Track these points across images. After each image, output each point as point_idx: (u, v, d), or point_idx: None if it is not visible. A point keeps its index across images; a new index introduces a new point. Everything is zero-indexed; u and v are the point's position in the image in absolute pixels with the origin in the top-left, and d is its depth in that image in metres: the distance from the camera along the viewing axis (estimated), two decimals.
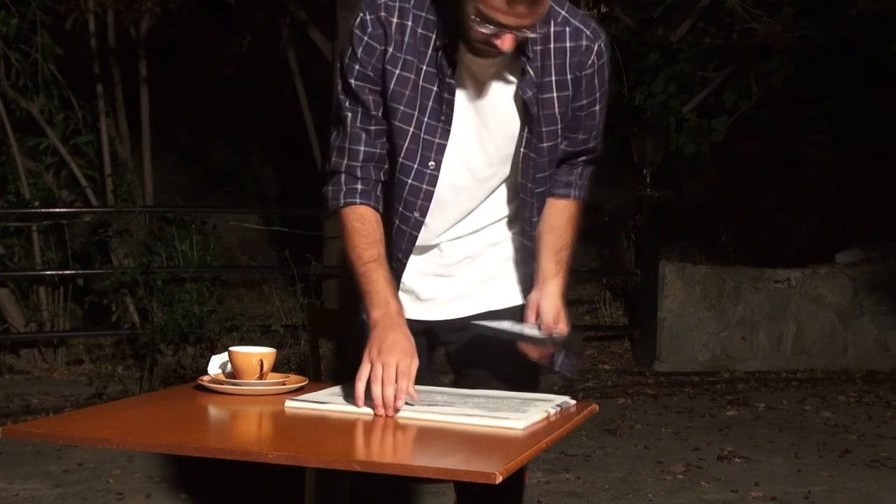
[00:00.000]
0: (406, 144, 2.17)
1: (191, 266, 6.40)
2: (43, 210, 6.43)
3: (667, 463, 4.69)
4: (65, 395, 5.78)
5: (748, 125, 8.39)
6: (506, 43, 2.03)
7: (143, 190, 6.81)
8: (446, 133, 2.17)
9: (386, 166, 2.22)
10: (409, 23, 2.13)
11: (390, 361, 2.01)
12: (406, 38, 2.13)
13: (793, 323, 7.00)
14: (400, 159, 2.19)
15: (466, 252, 2.31)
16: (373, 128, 2.18)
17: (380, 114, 2.17)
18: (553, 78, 2.17)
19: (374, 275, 2.14)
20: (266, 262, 7.93)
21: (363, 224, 2.18)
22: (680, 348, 6.84)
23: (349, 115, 2.18)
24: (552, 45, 2.15)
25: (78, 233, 6.69)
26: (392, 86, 2.14)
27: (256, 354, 2.18)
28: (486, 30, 2.01)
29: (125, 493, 4.16)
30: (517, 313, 2.34)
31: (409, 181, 2.19)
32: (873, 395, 6.26)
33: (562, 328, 2.29)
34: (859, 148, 8.96)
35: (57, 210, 6.50)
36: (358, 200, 2.18)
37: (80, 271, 6.50)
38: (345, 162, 2.19)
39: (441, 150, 2.17)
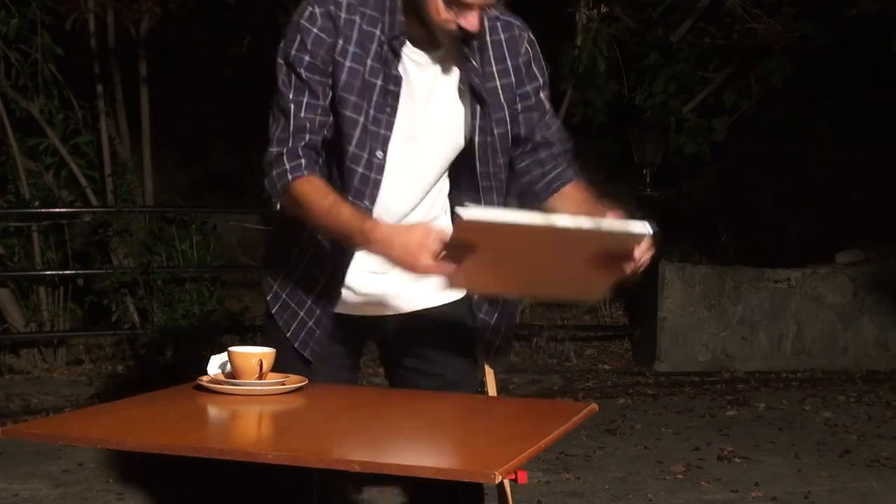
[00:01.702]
0: (357, 134, 2.21)
1: (191, 266, 6.40)
2: (43, 210, 6.42)
3: (667, 463, 4.69)
4: (65, 395, 5.78)
5: (748, 125, 8.38)
6: (472, 22, 2.12)
7: (143, 190, 6.80)
8: (391, 125, 2.23)
9: (323, 157, 2.25)
10: (357, 18, 2.20)
11: (410, 251, 2.02)
12: (354, 33, 2.20)
13: (793, 323, 7.00)
14: (351, 149, 2.22)
15: None
16: (317, 118, 2.22)
17: (326, 104, 2.22)
18: (494, 68, 2.26)
19: (339, 211, 2.15)
20: None
21: (312, 186, 2.20)
22: (680, 348, 6.83)
23: (293, 106, 2.22)
24: (488, 39, 2.25)
25: (78, 233, 6.68)
26: (344, 77, 2.20)
27: (256, 354, 2.18)
28: (452, 11, 2.10)
29: (125, 493, 4.16)
30: (453, 309, 2.37)
31: (360, 170, 2.23)
32: (873, 395, 6.26)
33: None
34: (859, 148, 8.96)
35: (57, 210, 6.49)
36: (304, 173, 2.21)
37: (80, 271, 6.50)
38: (286, 148, 2.22)
39: (386, 140, 2.23)
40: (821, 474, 4.58)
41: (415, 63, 2.23)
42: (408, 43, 2.22)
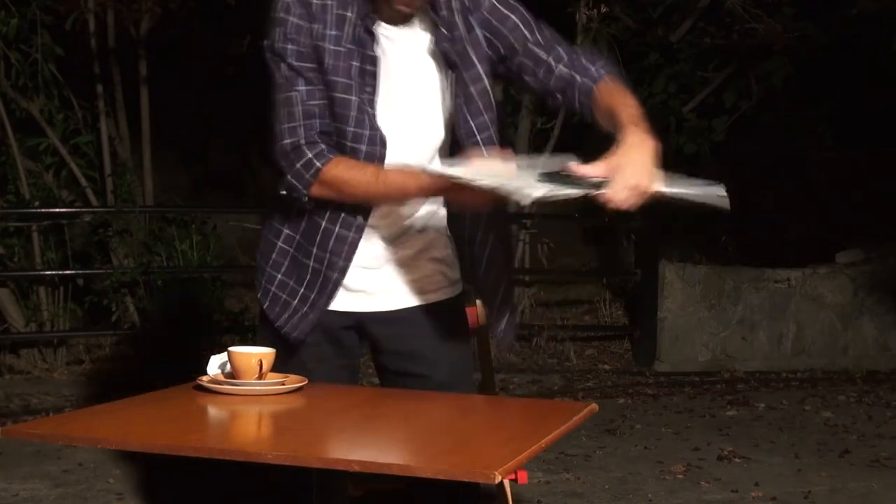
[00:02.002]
0: (354, 114, 2.22)
1: (191, 266, 6.40)
2: (43, 210, 6.43)
3: (667, 463, 4.69)
4: (65, 395, 5.78)
5: (748, 125, 8.38)
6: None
7: (143, 190, 6.81)
8: (373, 103, 2.24)
9: (327, 130, 2.25)
10: (329, 2, 2.22)
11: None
12: (328, 17, 2.22)
13: (793, 323, 7.00)
14: (350, 129, 2.23)
15: (394, 232, 2.33)
16: (319, 102, 2.23)
17: (322, 88, 2.23)
18: (461, 27, 2.26)
19: (387, 176, 2.19)
20: None
21: (345, 165, 2.22)
22: (680, 348, 6.83)
23: (294, 95, 2.22)
24: (453, 3, 2.26)
25: (78, 233, 6.69)
26: (329, 60, 2.21)
27: (256, 354, 2.18)
28: None
29: (125, 493, 4.16)
30: (445, 307, 2.37)
31: (364, 148, 2.24)
32: (873, 395, 6.26)
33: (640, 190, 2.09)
34: (859, 148, 8.95)
35: (57, 210, 6.49)
36: (330, 157, 2.21)
37: (80, 271, 6.50)
38: (302, 139, 2.21)
39: (372, 118, 2.24)
40: (821, 474, 4.58)
41: (388, 39, 2.26)
42: (379, 21, 2.24)
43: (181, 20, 6.70)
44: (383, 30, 2.25)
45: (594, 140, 2.25)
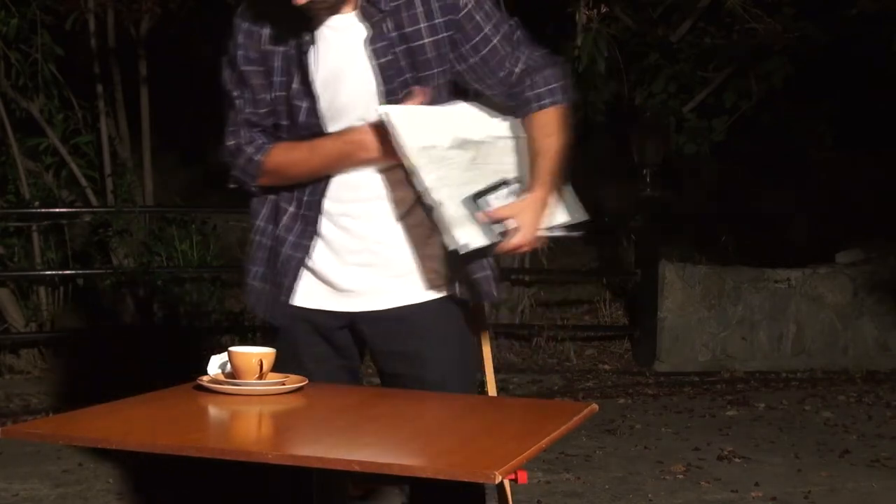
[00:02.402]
0: (291, 113, 2.31)
1: (191, 266, 6.40)
2: (43, 210, 6.43)
3: (667, 463, 4.69)
4: (65, 395, 5.78)
5: (748, 125, 8.38)
6: None
7: (143, 190, 6.81)
8: (314, 102, 2.29)
9: (267, 133, 2.36)
10: (272, 9, 2.28)
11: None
12: (276, 21, 2.28)
13: (793, 323, 7.00)
14: (287, 122, 2.32)
15: (371, 226, 2.34)
16: (263, 111, 2.33)
17: (269, 97, 2.31)
18: (422, 24, 2.26)
19: (321, 144, 2.30)
20: None
21: (282, 148, 2.34)
22: (680, 348, 6.83)
23: (239, 101, 2.34)
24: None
25: (78, 233, 6.69)
26: (279, 63, 2.29)
27: (256, 354, 2.18)
28: None
29: (125, 494, 4.16)
30: (444, 305, 2.38)
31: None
32: (873, 395, 6.26)
33: (510, 223, 2.27)
34: (859, 148, 8.95)
35: (57, 210, 6.50)
36: (268, 147, 2.35)
37: (80, 271, 6.50)
38: (242, 139, 2.36)
39: (310, 113, 2.30)
40: (821, 474, 4.58)
41: (332, 29, 2.28)
42: (318, 14, 2.26)
43: (181, 20, 6.70)
44: (329, 21, 2.27)
45: (594, 140, 2.28)
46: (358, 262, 2.35)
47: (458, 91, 2.38)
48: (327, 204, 2.35)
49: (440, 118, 2.28)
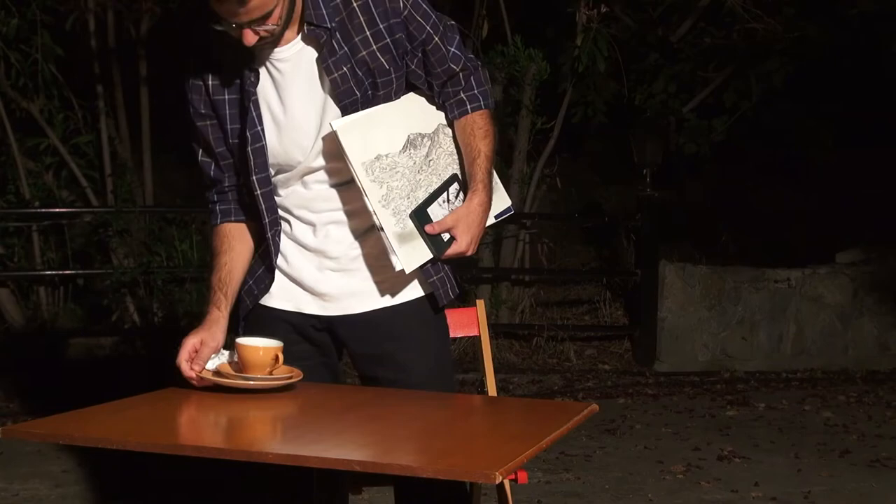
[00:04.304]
0: (244, 158, 2.31)
1: (191, 266, 6.40)
2: (43, 210, 6.43)
3: (667, 463, 4.69)
4: (65, 396, 5.77)
5: (748, 125, 8.39)
6: (246, 37, 2.17)
7: (143, 190, 6.81)
8: (260, 140, 2.30)
9: (235, 184, 2.40)
10: (214, 55, 2.29)
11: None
12: (217, 70, 2.30)
13: (793, 323, 7.00)
14: (246, 175, 2.34)
15: (357, 233, 2.37)
16: (224, 163, 2.38)
17: (226, 149, 2.35)
18: (367, 33, 2.27)
19: (210, 276, 2.43)
20: None
21: (216, 238, 2.43)
22: (680, 348, 6.83)
23: (202, 164, 2.41)
24: (355, 5, 2.26)
25: (78, 233, 6.69)
26: (229, 110, 2.31)
27: (270, 349, 2.18)
28: (224, 28, 2.16)
29: (125, 493, 4.16)
30: (420, 306, 2.40)
31: (259, 191, 2.34)
32: (873, 395, 6.25)
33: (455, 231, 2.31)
34: (860, 148, 8.95)
35: (57, 210, 6.50)
36: (217, 222, 2.42)
37: (80, 271, 6.50)
38: (209, 195, 2.44)
39: (262, 152, 2.31)
40: (821, 474, 4.58)
41: (277, 61, 2.28)
42: (263, 49, 2.25)
43: (181, 20, 6.70)
44: (274, 55, 2.27)
45: (593, 140, 2.29)
46: (332, 266, 2.37)
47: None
48: (303, 213, 2.38)
49: (394, 114, 2.32)
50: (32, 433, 2.05)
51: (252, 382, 2.16)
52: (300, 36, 2.27)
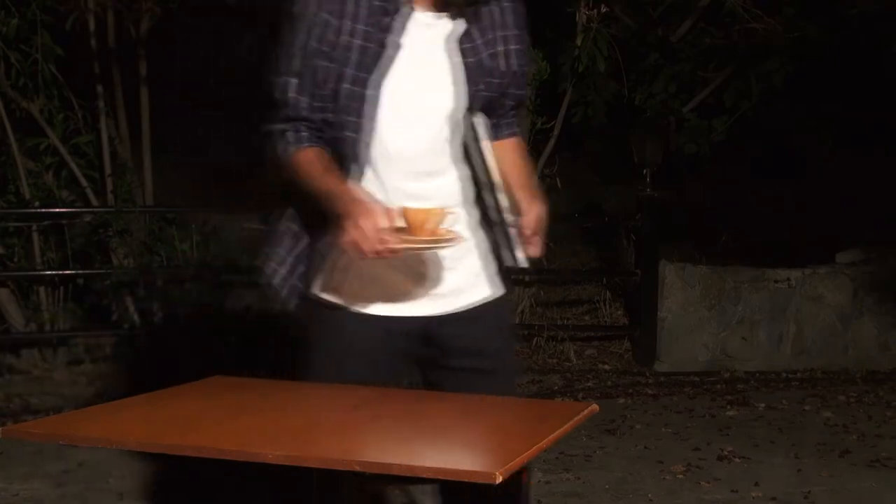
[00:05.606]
0: (348, 102, 2.26)
1: (191, 266, 6.39)
2: (43, 210, 6.42)
3: (667, 463, 4.69)
4: (65, 395, 5.78)
5: (748, 125, 8.39)
6: None
7: (143, 190, 6.80)
8: (377, 89, 2.26)
9: (326, 130, 2.30)
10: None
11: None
12: (361, 10, 2.25)
13: (793, 323, 7.00)
14: (340, 116, 2.27)
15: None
16: (317, 104, 2.29)
17: (331, 91, 2.26)
18: (507, 33, 2.35)
19: (329, 178, 2.24)
20: None
21: (310, 156, 2.28)
22: (680, 348, 6.83)
23: (293, 92, 2.28)
24: (504, 3, 2.34)
25: (78, 233, 6.68)
26: (355, 57, 2.25)
27: (436, 211, 2.18)
28: None
29: (125, 493, 4.16)
30: (502, 301, 2.46)
31: (348, 134, 2.28)
32: (873, 395, 6.25)
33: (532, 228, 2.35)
34: (859, 148, 8.95)
35: (57, 210, 6.49)
36: (305, 144, 2.30)
37: (80, 271, 6.49)
38: (288, 125, 2.31)
39: (364, 106, 2.26)
40: (821, 474, 4.58)
41: (421, 24, 2.29)
42: (416, 8, 2.28)
43: (181, 20, 6.70)
44: (419, 16, 2.28)
45: (593, 140, 2.33)
46: (444, 266, 2.39)
47: None
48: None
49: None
50: (32, 433, 2.05)
51: (433, 245, 2.19)
52: (438, 12, 2.29)
